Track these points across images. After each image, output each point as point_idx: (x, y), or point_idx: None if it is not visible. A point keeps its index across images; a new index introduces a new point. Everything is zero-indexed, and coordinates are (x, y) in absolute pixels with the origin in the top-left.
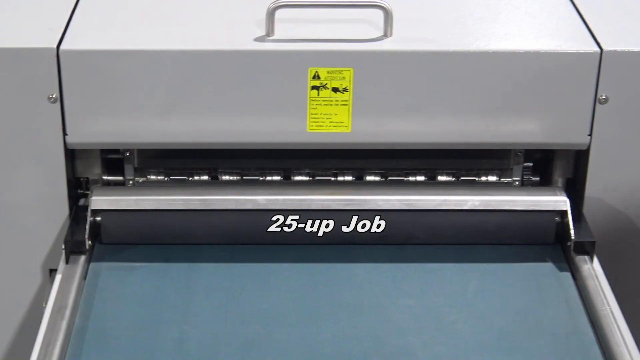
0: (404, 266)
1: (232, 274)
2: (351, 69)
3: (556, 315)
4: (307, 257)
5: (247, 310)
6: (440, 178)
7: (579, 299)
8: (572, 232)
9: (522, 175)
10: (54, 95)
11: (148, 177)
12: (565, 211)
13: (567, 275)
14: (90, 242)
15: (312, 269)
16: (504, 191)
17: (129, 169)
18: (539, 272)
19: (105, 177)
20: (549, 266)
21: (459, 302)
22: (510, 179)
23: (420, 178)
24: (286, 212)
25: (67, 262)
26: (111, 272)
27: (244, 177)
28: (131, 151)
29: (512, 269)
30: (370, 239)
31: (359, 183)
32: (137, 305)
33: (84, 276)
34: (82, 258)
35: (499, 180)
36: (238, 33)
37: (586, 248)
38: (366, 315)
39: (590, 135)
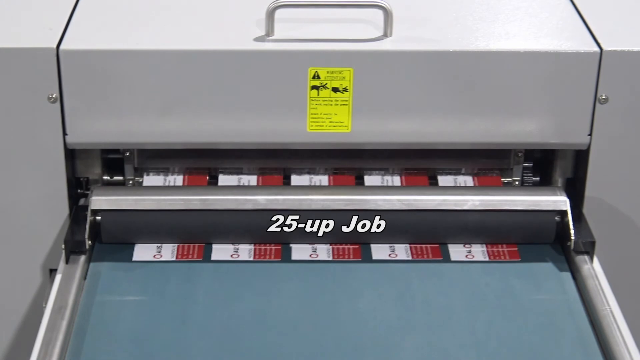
0: (408, 291)
1: (230, 309)
2: (351, 69)
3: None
4: (308, 288)
5: (246, 350)
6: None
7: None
8: (572, 232)
9: (522, 175)
10: (54, 95)
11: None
12: (565, 211)
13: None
14: (90, 242)
15: (313, 302)
16: (504, 191)
17: (129, 169)
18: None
19: (105, 177)
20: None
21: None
22: (510, 179)
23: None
24: (286, 212)
25: (67, 262)
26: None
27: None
28: (131, 151)
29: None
30: (370, 238)
31: (359, 183)
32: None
33: (84, 276)
34: (82, 258)
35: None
36: (238, 33)
37: (586, 248)
38: (372, 355)
39: (590, 135)
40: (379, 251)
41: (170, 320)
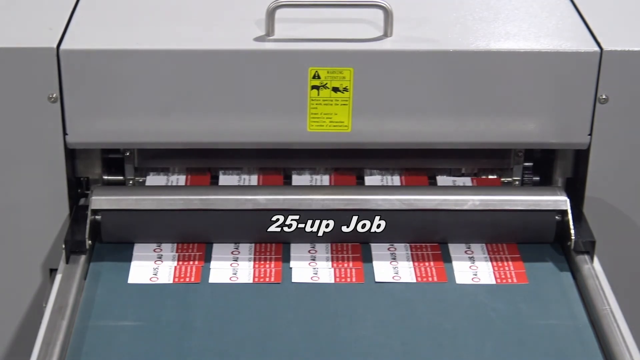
0: (412, 316)
1: (228, 338)
2: (351, 69)
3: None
4: (308, 313)
5: None
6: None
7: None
8: (572, 231)
9: (522, 175)
10: (54, 95)
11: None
12: (566, 211)
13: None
14: (90, 241)
15: (314, 330)
16: (504, 191)
17: (129, 169)
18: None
19: (105, 177)
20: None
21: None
22: (510, 179)
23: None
24: (286, 212)
25: (67, 261)
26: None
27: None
28: (131, 151)
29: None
30: (370, 238)
31: (359, 183)
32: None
33: (84, 276)
34: (82, 258)
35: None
36: (238, 33)
37: (586, 248)
38: None
39: (590, 135)
40: (380, 265)
41: (166, 348)
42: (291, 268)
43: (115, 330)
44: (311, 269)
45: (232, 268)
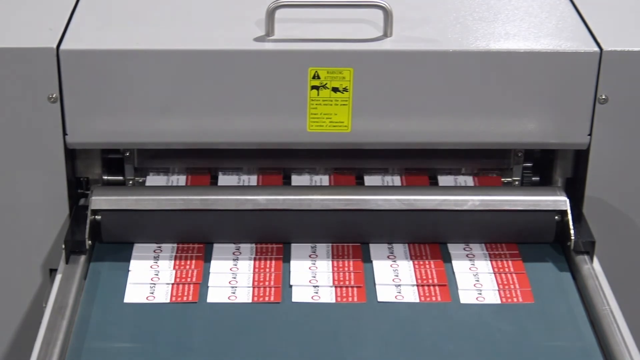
0: (416, 337)
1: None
2: (351, 69)
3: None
4: (309, 335)
5: None
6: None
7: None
8: (572, 231)
9: (522, 175)
10: (54, 95)
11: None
12: (565, 211)
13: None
14: (90, 241)
15: (315, 350)
16: (504, 191)
17: (129, 169)
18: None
19: (105, 177)
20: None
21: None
22: (510, 179)
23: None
24: (286, 212)
25: (67, 262)
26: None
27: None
28: (131, 151)
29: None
30: (370, 238)
31: (359, 183)
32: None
33: (84, 276)
34: (82, 258)
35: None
36: (238, 33)
37: (586, 248)
38: None
39: (590, 135)
40: (382, 284)
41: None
42: (291, 286)
43: (112, 352)
44: (312, 286)
45: (230, 287)
